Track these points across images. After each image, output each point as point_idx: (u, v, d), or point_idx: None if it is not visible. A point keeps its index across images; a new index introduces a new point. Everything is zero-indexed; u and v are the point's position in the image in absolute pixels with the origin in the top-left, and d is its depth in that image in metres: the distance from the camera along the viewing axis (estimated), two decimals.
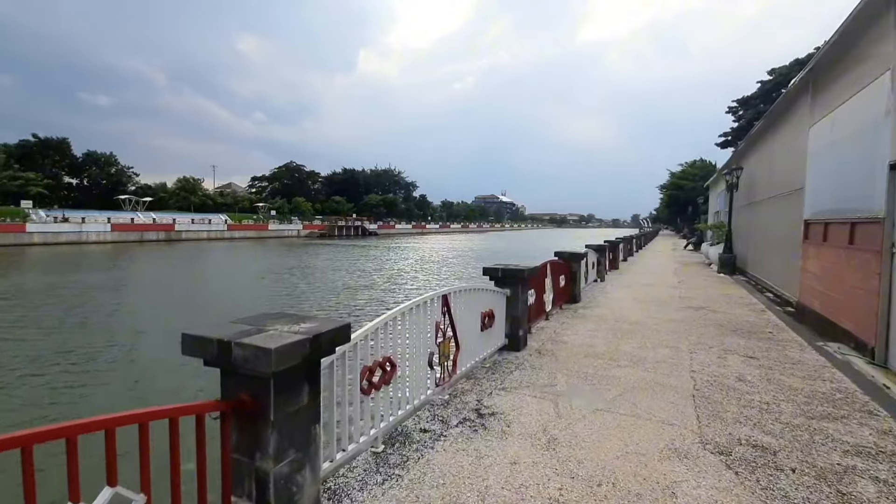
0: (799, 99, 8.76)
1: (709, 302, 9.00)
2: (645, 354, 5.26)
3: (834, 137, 6.84)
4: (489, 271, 5.33)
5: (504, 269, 5.27)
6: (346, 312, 13.69)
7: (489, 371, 4.63)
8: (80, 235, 48.86)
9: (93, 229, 50.99)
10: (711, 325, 6.88)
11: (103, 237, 51.11)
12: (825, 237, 6.93)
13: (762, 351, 5.52)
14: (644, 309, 8.16)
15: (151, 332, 10.92)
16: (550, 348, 5.50)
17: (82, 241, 48.24)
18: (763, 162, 12.14)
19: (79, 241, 47.99)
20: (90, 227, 51.19)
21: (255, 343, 1.89)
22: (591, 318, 7.37)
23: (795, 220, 8.63)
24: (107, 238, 51.18)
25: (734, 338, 6.14)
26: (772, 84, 44.73)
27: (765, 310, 8.22)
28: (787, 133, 9.81)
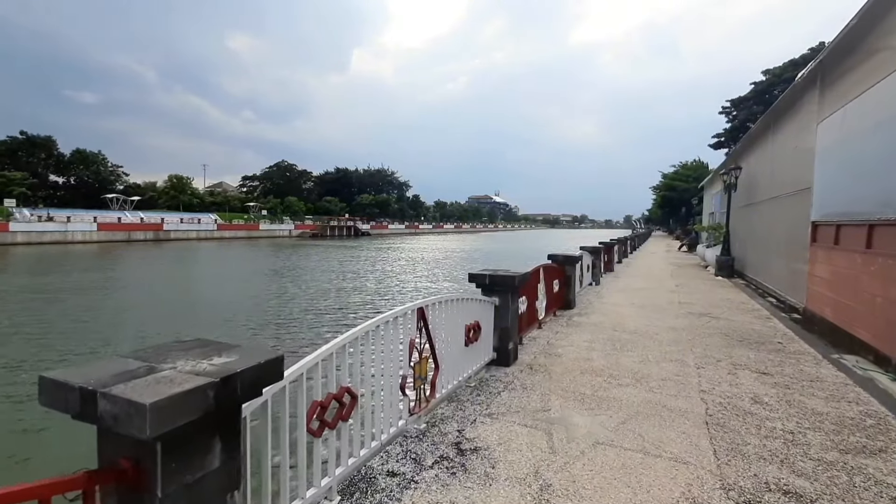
0: (805, 94, 8.32)
1: (710, 308, 8.54)
2: (648, 370, 4.75)
3: (847, 133, 6.39)
4: (475, 278, 4.80)
5: (492, 275, 4.74)
6: (331, 319, 13.11)
7: (474, 391, 4.10)
8: (65, 235, 47.87)
9: (78, 229, 49.95)
10: (716, 335, 6.39)
11: (89, 237, 50.10)
12: (837, 240, 6.48)
13: (775, 365, 5.03)
14: (643, 316, 7.67)
15: (91, 348, 9.57)
16: (543, 363, 4.97)
17: (68, 241, 47.21)
18: (764, 161, 11.73)
19: (64, 240, 46.98)
20: (76, 226, 50.12)
21: (126, 396, 1.34)
22: (588, 326, 6.87)
23: (801, 222, 8.19)
24: (93, 238, 50.16)
25: (742, 349, 5.65)
26: (765, 84, 44.70)
27: (770, 316, 7.76)
28: (791, 130, 9.38)
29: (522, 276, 4.93)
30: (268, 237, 67.57)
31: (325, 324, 12.08)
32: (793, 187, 8.95)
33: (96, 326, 11.59)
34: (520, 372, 4.66)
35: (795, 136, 9.06)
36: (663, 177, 58.06)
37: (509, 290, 4.77)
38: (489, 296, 4.79)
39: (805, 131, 8.35)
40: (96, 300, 15.31)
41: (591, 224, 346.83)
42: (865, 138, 5.81)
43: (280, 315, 13.24)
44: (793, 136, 9.24)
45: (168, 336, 10.65)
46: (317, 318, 12.94)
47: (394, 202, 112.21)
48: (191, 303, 15.43)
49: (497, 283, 4.74)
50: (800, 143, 8.65)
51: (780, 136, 10.22)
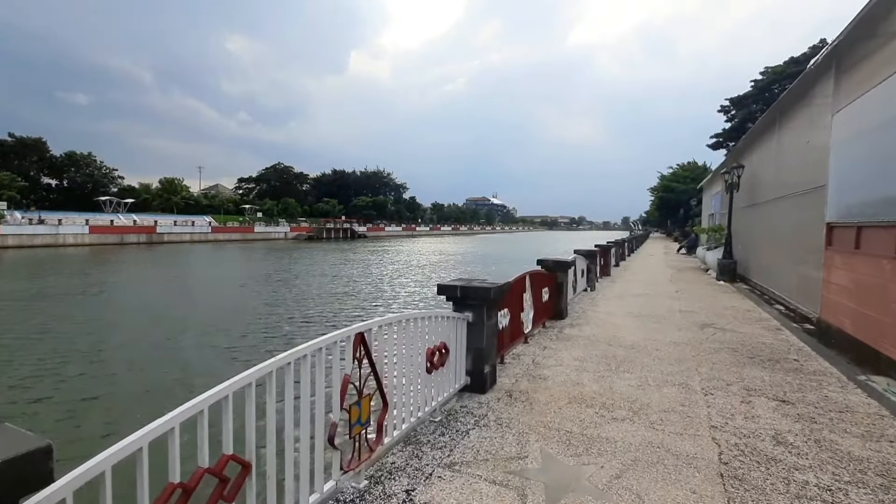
0: (818, 82, 7.64)
1: (714, 317, 7.84)
2: (647, 398, 4.04)
3: (870, 124, 5.71)
4: (445, 290, 4.09)
5: (464, 286, 4.03)
6: (316, 331, 12.40)
7: (438, 429, 3.39)
8: (56, 238, 47.18)
9: (70, 231, 49.27)
10: (723, 350, 5.69)
11: (81, 239, 49.39)
12: (858, 244, 5.79)
13: (794, 390, 4.33)
14: (641, 327, 6.97)
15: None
16: (526, 388, 4.26)
17: (59, 244, 46.48)
18: (769, 158, 11.05)
19: (55, 243, 46.26)
20: (67, 228, 49.45)
21: None
22: (579, 340, 6.16)
23: (813, 224, 7.51)
24: (84, 240, 49.45)
25: (755, 369, 4.95)
26: (766, 82, 44.15)
27: (780, 328, 7.07)
28: (801, 124, 8.70)
29: (501, 286, 4.22)
30: (263, 239, 66.89)
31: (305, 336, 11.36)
32: (803, 186, 8.27)
33: (50, 342, 10.82)
34: (496, 401, 3.95)
35: (806, 129, 8.38)
36: (661, 178, 57.44)
37: (484, 304, 4.06)
38: (461, 311, 4.09)
39: (818, 124, 7.67)
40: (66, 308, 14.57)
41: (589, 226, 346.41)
42: (893, 128, 5.12)
43: (260, 325, 12.51)
44: (803, 130, 8.57)
45: (119, 353, 9.85)
46: (298, 329, 12.22)
47: (390, 204, 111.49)
48: (166, 310, 14.68)
49: (470, 295, 4.03)
50: (812, 138, 7.97)
51: (788, 131, 9.54)
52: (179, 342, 10.48)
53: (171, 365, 8.87)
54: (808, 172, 7.97)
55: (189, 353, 9.70)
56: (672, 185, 53.57)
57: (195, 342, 10.50)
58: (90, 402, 7.05)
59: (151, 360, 9.14)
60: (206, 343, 10.43)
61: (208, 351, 9.88)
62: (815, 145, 7.73)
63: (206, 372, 8.33)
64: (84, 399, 7.15)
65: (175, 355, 9.51)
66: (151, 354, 9.60)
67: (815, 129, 7.81)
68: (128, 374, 8.29)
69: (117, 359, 9.19)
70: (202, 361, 9.15)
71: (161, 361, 9.09)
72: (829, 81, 7.07)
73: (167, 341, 10.60)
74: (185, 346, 10.15)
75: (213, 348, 10.04)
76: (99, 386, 7.72)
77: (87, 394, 7.36)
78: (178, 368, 8.70)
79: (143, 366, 8.81)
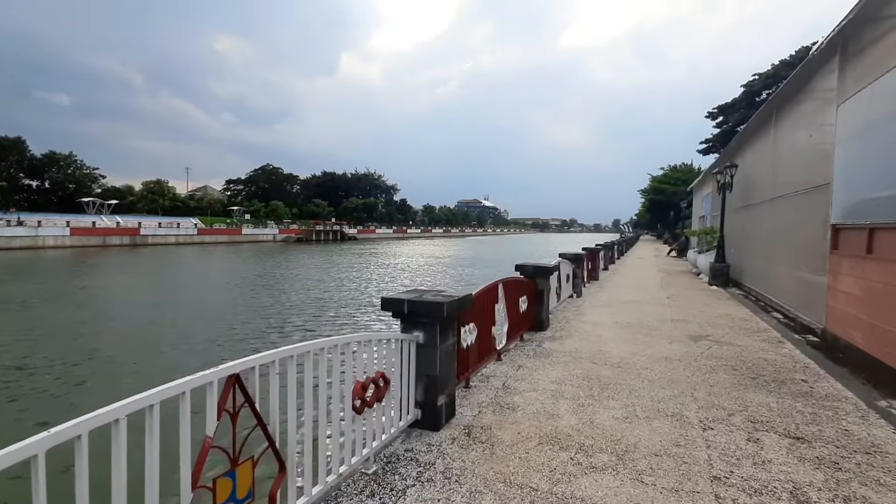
0: (821, 71, 7.03)
1: (708, 327, 7.19)
2: (635, 435, 3.34)
3: (882, 114, 5.08)
4: (390, 304, 3.35)
5: (413, 300, 3.30)
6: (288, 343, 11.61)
7: (368, 487, 2.64)
8: (35, 240, 45.72)
9: (50, 233, 47.79)
10: (722, 368, 5.02)
11: (62, 242, 47.96)
12: (870, 248, 5.16)
13: (808, 421, 3.66)
14: (629, 339, 6.29)
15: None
16: (489, 423, 3.54)
17: (38, 246, 45.08)
18: (764, 156, 10.46)
19: (34, 245, 44.87)
20: (47, 230, 47.94)
21: None
22: (560, 357, 5.45)
23: (815, 225, 6.90)
24: (65, 243, 48.03)
25: (759, 393, 4.28)
26: (756, 88, 44.09)
27: (782, 340, 6.42)
28: (801, 117, 8.10)
29: (460, 300, 3.50)
30: (251, 242, 65.71)
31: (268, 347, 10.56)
32: (803, 185, 7.66)
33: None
34: (451, 442, 3.22)
35: (807, 123, 7.78)
36: (651, 180, 57.24)
37: (438, 322, 3.33)
38: (410, 329, 3.36)
39: (820, 117, 7.07)
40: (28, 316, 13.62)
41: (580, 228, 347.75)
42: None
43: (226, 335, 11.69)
44: (804, 124, 7.97)
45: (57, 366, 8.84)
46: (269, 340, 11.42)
47: (381, 206, 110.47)
48: (130, 318, 13.77)
49: (420, 312, 3.30)
50: (814, 132, 7.37)
51: (787, 126, 8.94)
52: (93, 366, 9.06)
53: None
54: (810, 170, 7.36)
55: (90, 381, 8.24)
56: (662, 188, 53.37)
57: (109, 366, 9.09)
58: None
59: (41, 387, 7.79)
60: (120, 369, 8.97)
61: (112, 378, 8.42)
62: (817, 140, 7.12)
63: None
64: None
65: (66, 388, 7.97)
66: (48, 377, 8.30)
67: (817, 122, 7.20)
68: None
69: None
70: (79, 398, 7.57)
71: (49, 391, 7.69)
72: (834, 69, 6.46)
73: (87, 359, 9.33)
74: (93, 373, 8.68)
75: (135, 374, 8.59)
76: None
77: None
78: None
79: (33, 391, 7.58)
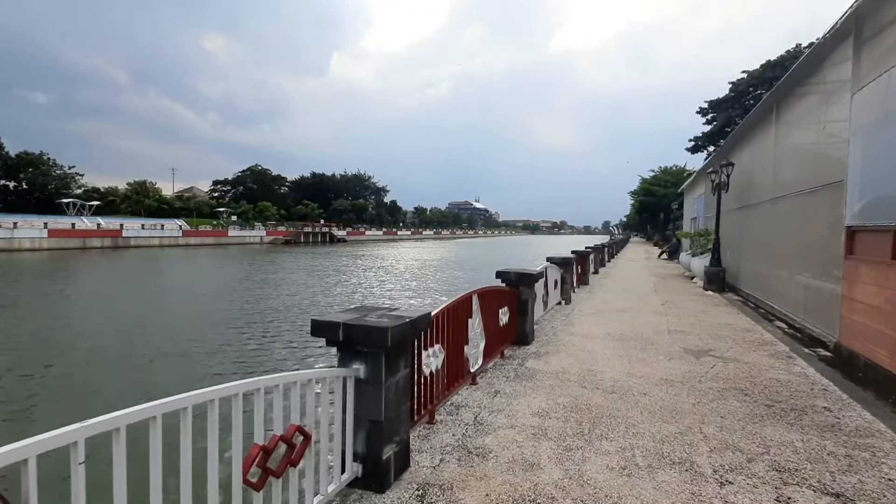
0: (832, 57, 6.40)
1: (710, 339, 6.53)
2: (636, 496, 2.62)
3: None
4: (323, 329, 2.60)
5: (350, 324, 2.55)
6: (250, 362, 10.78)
7: None
8: (10, 242, 44.15)
9: (26, 235, 46.19)
10: (731, 393, 4.33)
11: (39, 244, 46.43)
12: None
13: (843, 468, 2.97)
14: (623, 355, 5.59)
15: None
16: (451, 479, 2.80)
17: (14, 249, 43.53)
18: (765, 153, 9.86)
19: (10, 248, 43.32)
20: (23, 232, 46.31)
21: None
22: (545, 379, 4.73)
23: (825, 227, 6.27)
24: (43, 245, 46.51)
25: (778, 426, 3.59)
26: (745, 85, 44.03)
27: (791, 354, 5.77)
28: (808, 109, 7.49)
29: (414, 322, 2.75)
30: (237, 244, 64.44)
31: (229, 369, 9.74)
32: (810, 183, 7.05)
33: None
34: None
35: (815, 115, 7.17)
36: (642, 181, 57.02)
37: (383, 352, 2.59)
38: (349, 361, 2.62)
39: (830, 108, 6.45)
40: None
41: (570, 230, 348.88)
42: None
43: (148, 358, 10.82)
44: (811, 116, 7.36)
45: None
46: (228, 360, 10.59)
47: (371, 208, 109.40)
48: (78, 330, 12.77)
49: (358, 339, 2.55)
50: (823, 124, 6.75)
51: (790, 120, 8.34)
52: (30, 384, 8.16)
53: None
54: (818, 166, 6.75)
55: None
56: (653, 190, 53.14)
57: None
58: None
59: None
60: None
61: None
62: (827, 132, 6.51)
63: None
64: None
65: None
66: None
67: (827, 114, 6.59)
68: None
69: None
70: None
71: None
72: (847, 55, 5.84)
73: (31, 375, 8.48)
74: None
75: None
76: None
77: None
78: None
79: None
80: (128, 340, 11.12)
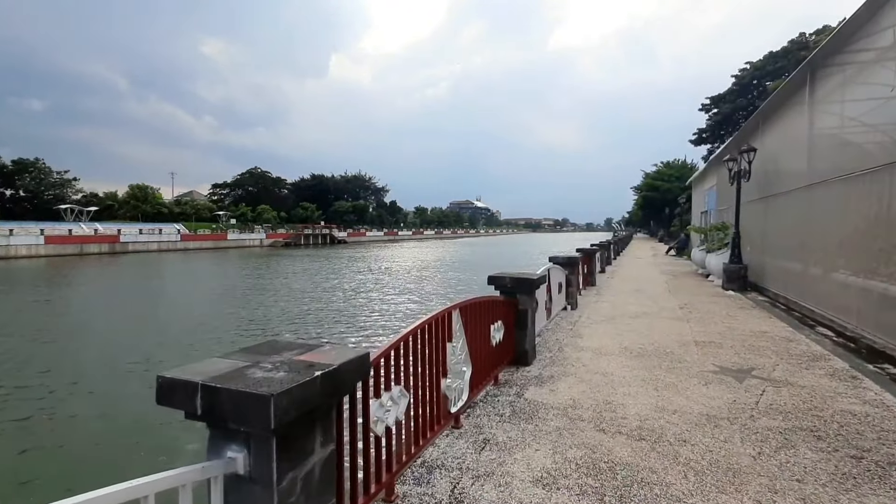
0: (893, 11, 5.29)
1: (747, 352, 5.43)
2: None
3: None
4: (172, 394, 1.55)
5: (214, 387, 1.50)
6: None
7: None
8: (7, 250, 43.41)
9: (23, 242, 45.41)
10: (800, 439, 3.23)
11: (35, 251, 45.62)
12: None
13: None
14: (647, 379, 4.50)
15: None
16: None
17: (11, 256, 42.76)
18: (797, 134, 8.68)
19: (7, 255, 42.55)
20: (20, 239, 45.55)
21: None
22: (549, 417, 3.64)
23: (889, 218, 5.17)
24: (40, 252, 45.70)
25: (882, 493, 2.51)
26: (747, 79, 42.91)
27: (856, 374, 4.66)
28: (857, 76, 6.36)
29: (330, 374, 1.69)
30: (237, 247, 63.62)
31: None
32: (862, 164, 5.93)
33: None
34: None
35: (865, 84, 6.04)
36: (645, 177, 55.78)
37: (270, 435, 1.53)
38: (221, 446, 1.56)
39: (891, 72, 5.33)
40: None
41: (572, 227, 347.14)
42: None
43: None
44: (859, 85, 6.23)
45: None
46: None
47: (372, 209, 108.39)
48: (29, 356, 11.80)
49: (230, 413, 1.50)
50: (893, 87, 5.62)
51: (832, 93, 7.17)
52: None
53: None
54: (878, 145, 5.63)
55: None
56: (657, 184, 51.93)
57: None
58: None
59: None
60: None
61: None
62: (886, 103, 5.39)
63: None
64: None
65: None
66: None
67: (885, 77, 5.46)
68: None
69: None
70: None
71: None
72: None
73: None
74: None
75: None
76: None
77: None
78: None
79: None
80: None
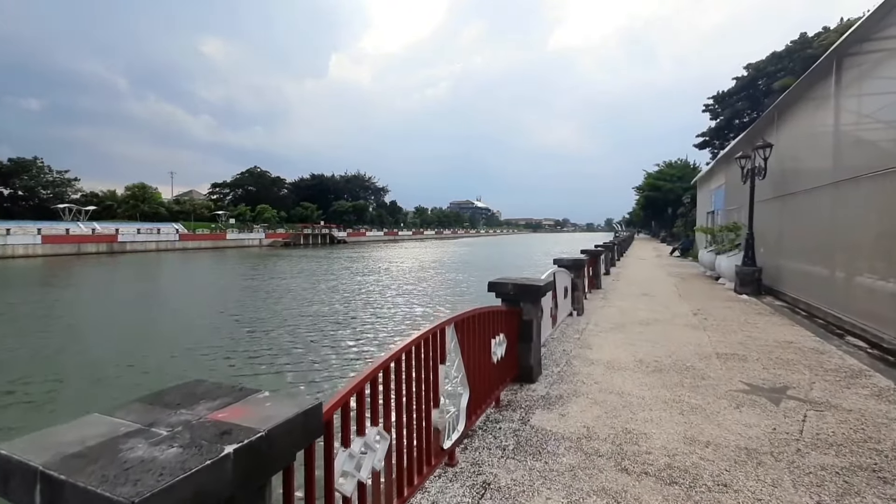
0: None
1: (776, 367, 4.88)
2: None
3: None
4: (9, 487, 1.04)
5: (72, 484, 0.99)
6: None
7: None
8: (4, 249, 43.06)
9: (20, 242, 45.05)
10: (862, 481, 2.67)
11: (32, 250, 45.23)
12: None
13: None
14: (671, 402, 3.94)
15: None
16: None
17: (8, 256, 42.38)
18: (819, 128, 8.12)
19: (3, 255, 42.14)
20: (16, 239, 45.19)
21: None
22: (561, 453, 3.08)
23: None
24: (37, 251, 45.33)
25: None
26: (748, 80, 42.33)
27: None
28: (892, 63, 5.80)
29: (260, 443, 1.17)
30: (236, 247, 63.21)
31: None
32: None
33: None
34: None
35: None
36: (647, 176, 55.17)
37: None
38: None
39: None
40: None
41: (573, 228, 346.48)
42: None
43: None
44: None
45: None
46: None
47: (372, 208, 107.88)
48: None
49: None
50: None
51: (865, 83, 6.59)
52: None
53: None
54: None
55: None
56: (659, 184, 51.31)
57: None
58: None
59: None
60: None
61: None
62: None
63: None
64: None
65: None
66: None
67: None
68: None
69: None
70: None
71: None
72: None
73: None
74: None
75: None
76: None
77: None
78: None
79: None
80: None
